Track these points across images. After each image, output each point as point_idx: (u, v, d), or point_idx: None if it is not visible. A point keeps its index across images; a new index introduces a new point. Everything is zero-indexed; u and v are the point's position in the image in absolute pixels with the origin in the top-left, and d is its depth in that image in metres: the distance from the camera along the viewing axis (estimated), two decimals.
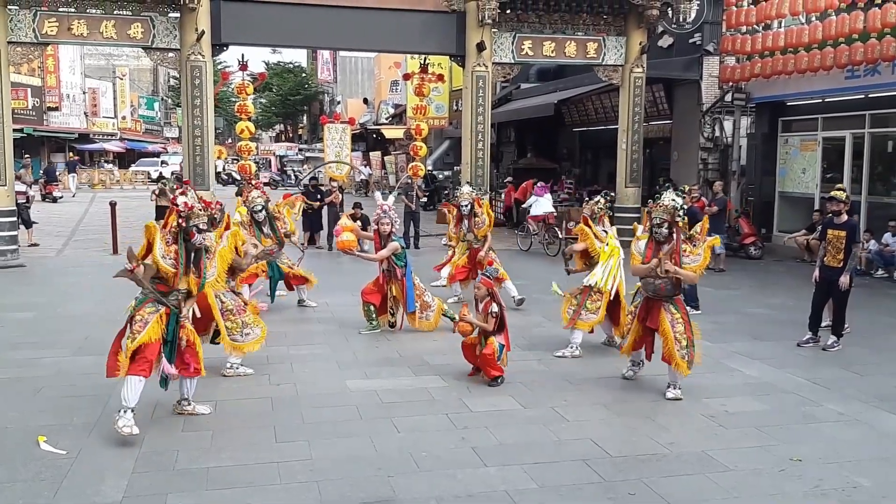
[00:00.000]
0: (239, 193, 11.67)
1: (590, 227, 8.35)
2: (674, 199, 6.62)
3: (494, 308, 7.09)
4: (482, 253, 10.47)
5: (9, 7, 13.89)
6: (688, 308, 7.31)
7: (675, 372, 6.66)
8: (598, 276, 7.96)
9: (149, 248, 5.70)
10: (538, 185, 17.58)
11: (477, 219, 10.50)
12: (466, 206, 10.51)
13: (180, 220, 5.71)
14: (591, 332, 8.34)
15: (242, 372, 7.17)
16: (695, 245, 6.70)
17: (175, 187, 5.79)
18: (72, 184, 34.29)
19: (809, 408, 6.54)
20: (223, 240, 6.27)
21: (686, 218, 6.73)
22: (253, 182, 12.65)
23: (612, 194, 16.12)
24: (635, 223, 7.25)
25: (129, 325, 5.64)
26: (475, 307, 7.29)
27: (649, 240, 6.79)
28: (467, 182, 11.05)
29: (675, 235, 6.63)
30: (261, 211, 9.80)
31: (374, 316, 9.03)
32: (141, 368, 5.51)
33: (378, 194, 10.15)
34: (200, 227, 5.77)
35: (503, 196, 21.67)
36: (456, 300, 10.58)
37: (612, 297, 8.06)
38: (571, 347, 8.08)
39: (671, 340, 6.61)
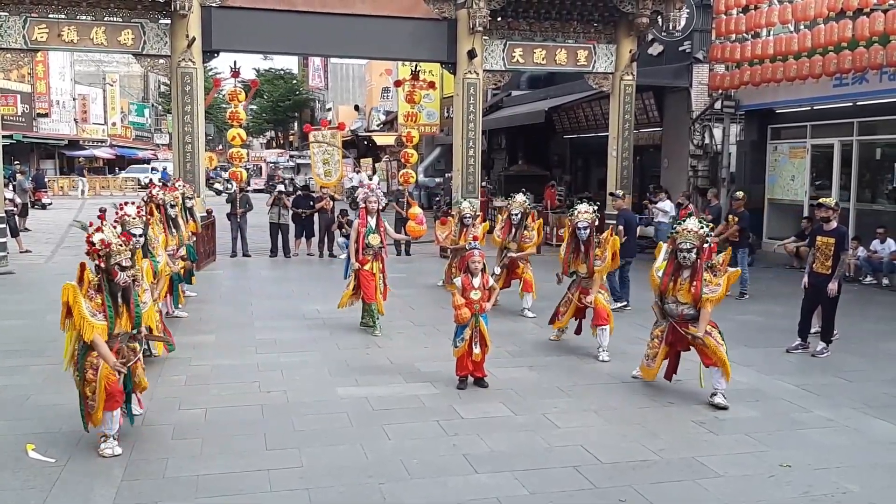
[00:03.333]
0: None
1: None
2: (703, 226, 6.66)
3: (491, 281, 7.22)
4: (512, 254, 10.46)
5: None
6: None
7: (722, 378, 6.65)
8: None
9: (69, 313, 5.32)
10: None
11: (527, 232, 10.44)
12: (517, 215, 10.42)
13: (98, 262, 5.35)
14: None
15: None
16: (715, 274, 6.72)
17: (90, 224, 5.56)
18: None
19: (799, 414, 6.57)
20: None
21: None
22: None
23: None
24: (660, 244, 7.28)
25: (82, 381, 5.35)
26: (464, 280, 7.11)
27: (668, 263, 6.81)
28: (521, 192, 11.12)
29: (699, 262, 6.63)
30: (174, 207, 9.81)
31: (375, 318, 9.26)
32: (111, 404, 5.33)
33: (364, 175, 10.47)
34: (123, 263, 5.36)
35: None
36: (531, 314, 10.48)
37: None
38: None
39: (717, 348, 6.62)
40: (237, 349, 8.51)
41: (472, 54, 15.65)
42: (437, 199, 25.93)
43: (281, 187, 19.07)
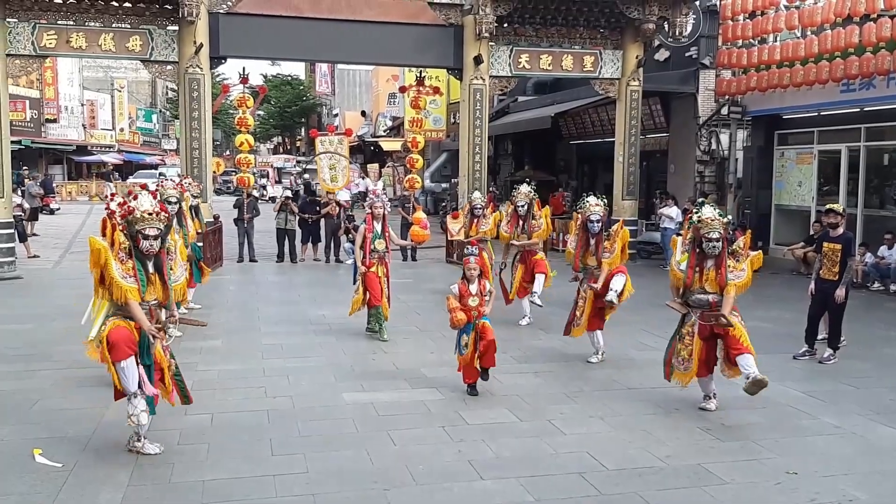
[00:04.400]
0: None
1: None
2: (721, 213, 6.58)
3: (488, 286, 7.15)
4: (516, 242, 10.36)
5: (7, 20, 13.93)
6: None
7: (752, 361, 6.44)
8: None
9: (102, 275, 5.26)
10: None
11: (535, 221, 10.32)
12: (524, 206, 10.29)
13: (122, 229, 5.32)
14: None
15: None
16: (738, 260, 6.63)
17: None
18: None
19: (806, 421, 6.55)
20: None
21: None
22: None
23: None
24: (674, 237, 7.11)
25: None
26: (461, 286, 7.06)
27: (690, 255, 6.65)
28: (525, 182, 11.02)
29: (722, 250, 6.53)
30: (175, 203, 9.49)
31: (381, 322, 9.31)
32: (121, 351, 5.21)
33: (368, 181, 10.51)
34: (147, 232, 5.28)
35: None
36: (527, 321, 10.33)
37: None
38: None
39: (744, 333, 6.50)
40: (243, 354, 8.52)
41: (478, 60, 15.68)
42: (444, 204, 25.95)
43: (288, 192, 19.11)
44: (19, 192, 19.35)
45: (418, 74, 17.48)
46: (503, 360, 8.03)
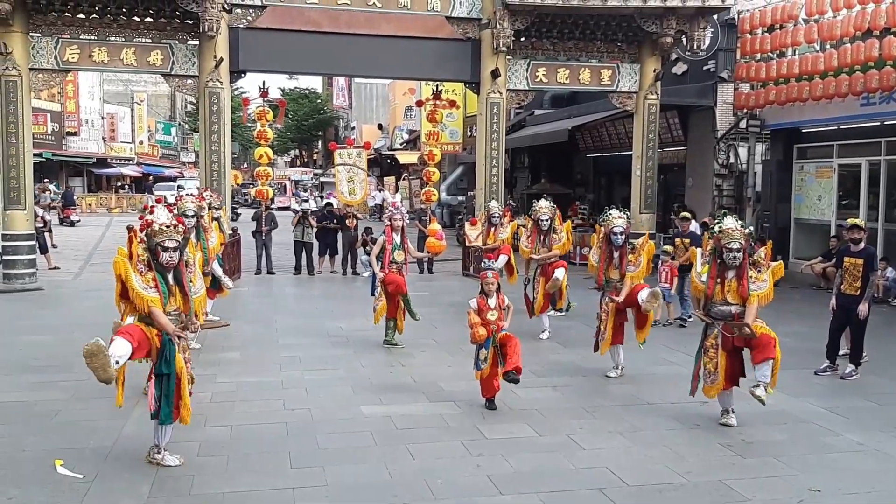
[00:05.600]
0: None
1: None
2: (742, 223, 6.59)
3: (507, 300, 7.15)
4: (536, 256, 10.35)
5: (31, 34, 14.12)
6: None
7: (769, 371, 6.36)
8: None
9: (124, 288, 5.35)
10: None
11: (555, 235, 10.34)
12: (546, 220, 10.30)
13: (139, 242, 5.46)
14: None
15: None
16: (759, 271, 6.60)
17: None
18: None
19: (828, 437, 6.48)
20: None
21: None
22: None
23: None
24: (692, 249, 7.07)
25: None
26: (480, 301, 7.02)
27: (711, 267, 6.64)
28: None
29: (743, 261, 6.52)
30: (193, 217, 9.13)
31: (393, 334, 9.45)
32: (127, 332, 5.24)
33: (386, 193, 10.59)
34: (165, 244, 5.38)
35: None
36: (547, 335, 10.26)
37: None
38: None
39: (769, 332, 6.41)
40: (262, 366, 8.55)
41: (495, 74, 15.72)
42: (460, 217, 25.98)
43: (306, 205, 19.20)
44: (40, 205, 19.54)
45: (435, 88, 17.55)
46: (522, 374, 8.01)
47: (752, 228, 6.74)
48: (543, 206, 10.43)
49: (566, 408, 7.17)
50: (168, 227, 5.39)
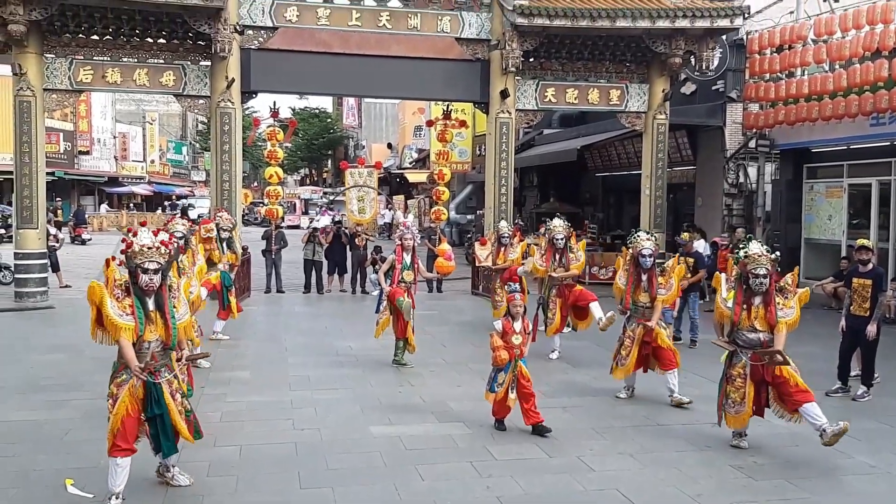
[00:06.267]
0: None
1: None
2: (768, 248, 6.46)
3: (531, 324, 7.11)
4: (555, 274, 10.16)
5: (45, 55, 14.31)
6: None
7: (817, 409, 6.30)
8: None
9: (100, 314, 5.09)
10: None
11: (572, 254, 10.25)
12: (561, 240, 10.19)
13: (120, 264, 5.19)
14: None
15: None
16: (786, 297, 6.48)
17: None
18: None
19: (840, 460, 6.43)
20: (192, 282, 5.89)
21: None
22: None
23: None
24: (718, 274, 6.83)
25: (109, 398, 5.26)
26: (505, 323, 6.86)
27: (737, 293, 6.46)
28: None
29: (770, 287, 6.36)
30: (181, 238, 8.79)
31: (402, 354, 9.46)
32: (120, 449, 5.08)
33: (398, 213, 10.62)
34: (146, 266, 5.11)
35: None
36: (557, 355, 10.14)
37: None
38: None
39: (795, 375, 6.35)
40: (271, 385, 8.56)
41: (504, 94, 15.81)
42: (469, 235, 26.02)
43: (315, 224, 19.27)
44: (51, 223, 19.67)
45: (445, 108, 17.65)
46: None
47: (778, 255, 6.61)
48: (558, 225, 10.32)
49: (576, 429, 7.14)
50: (149, 248, 5.16)
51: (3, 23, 13.32)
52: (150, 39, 14.89)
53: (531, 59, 16.32)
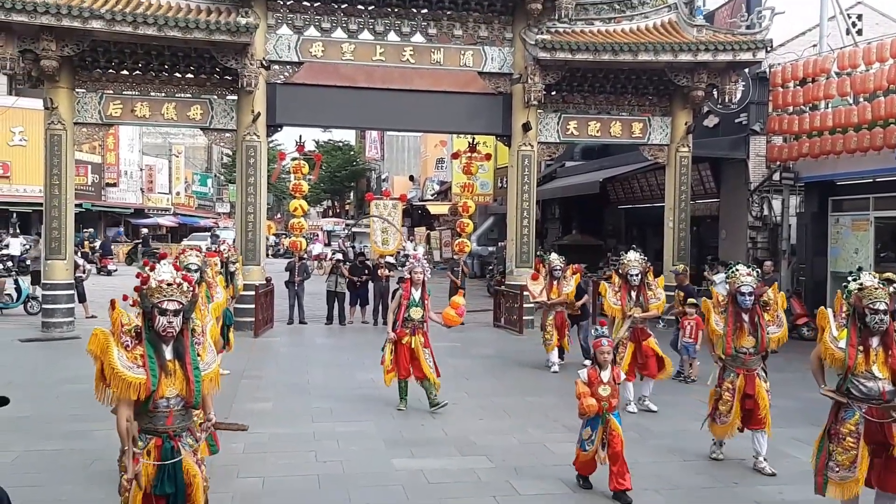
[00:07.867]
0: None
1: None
2: (884, 281, 5.48)
3: (623, 375, 6.52)
4: (637, 315, 9.06)
5: (76, 90, 14.64)
6: None
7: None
8: None
9: (103, 370, 4.20)
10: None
11: (650, 292, 9.23)
12: (637, 275, 9.14)
13: (132, 303, 4.35)
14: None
15: None
16: None
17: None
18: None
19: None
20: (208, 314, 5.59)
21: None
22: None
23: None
24: (823, 310, 5.66)
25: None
26: (591, 373, 6.19)
27: (850, 333, 5.33)
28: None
29: (890, 325, 5.26)
30: (196, 271, 8.30)
31: (434, 394, 8.94)
32: None
33: (409, 244, 10.43)
34: (164, 306, 4.19)
35: None
36: (636, 409, 9.09)
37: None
38: None
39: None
40: (294, 417, 8.57)
41: (526, 127, 15.91)
42: (490, 267, 26.03)
43: (339, 255, 19.39)
44: (79, 254, 19.94)
45: (470, 141, 17.78)
46: (553, 428, 7.95)
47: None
48: (633, 260, 9.23)
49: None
50: (169, 284, 4.24)
51: (36, 58, 13.69)
52: (178, 74, 15.21)
53: (553, 93, 16.43)
